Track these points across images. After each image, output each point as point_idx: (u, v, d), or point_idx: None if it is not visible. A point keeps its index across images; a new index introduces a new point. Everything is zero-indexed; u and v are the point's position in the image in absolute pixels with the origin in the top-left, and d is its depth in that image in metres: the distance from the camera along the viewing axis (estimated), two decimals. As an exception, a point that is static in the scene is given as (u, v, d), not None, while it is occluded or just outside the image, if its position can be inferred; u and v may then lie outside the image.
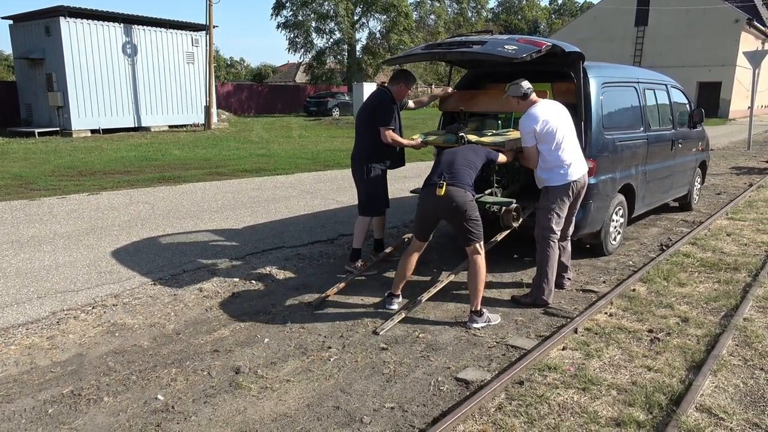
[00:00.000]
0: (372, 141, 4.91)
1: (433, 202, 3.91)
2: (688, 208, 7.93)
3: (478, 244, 3.91)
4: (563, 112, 4.39)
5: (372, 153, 4.95)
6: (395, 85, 4.95)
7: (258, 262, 5.38)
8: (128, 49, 19.09)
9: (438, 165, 4.05)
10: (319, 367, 3.42)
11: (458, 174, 3.89)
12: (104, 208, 7.49)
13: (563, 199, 4.32)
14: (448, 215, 3.94)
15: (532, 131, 4.22)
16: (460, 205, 3.81)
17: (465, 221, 3.85)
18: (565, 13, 76.88)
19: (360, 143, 5.03)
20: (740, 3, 37.17)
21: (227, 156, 13.48)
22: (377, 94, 4.98)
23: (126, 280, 4.81)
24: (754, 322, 3.98)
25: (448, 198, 3.81)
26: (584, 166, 4.44)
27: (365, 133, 4.95)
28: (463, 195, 3.83)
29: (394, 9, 33.29)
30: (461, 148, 4.21)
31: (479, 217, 3.92)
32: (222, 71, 58.04)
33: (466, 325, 3.94)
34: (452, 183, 3.84)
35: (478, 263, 3.91)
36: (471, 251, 3.93)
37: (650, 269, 5.13)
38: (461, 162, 3.96)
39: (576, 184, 4.34)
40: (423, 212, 4.07)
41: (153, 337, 3.83)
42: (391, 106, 4.88)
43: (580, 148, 4.48)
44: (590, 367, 3.38)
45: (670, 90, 6.90)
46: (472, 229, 3.87)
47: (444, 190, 3.80)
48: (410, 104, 5.36)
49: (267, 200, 8.17)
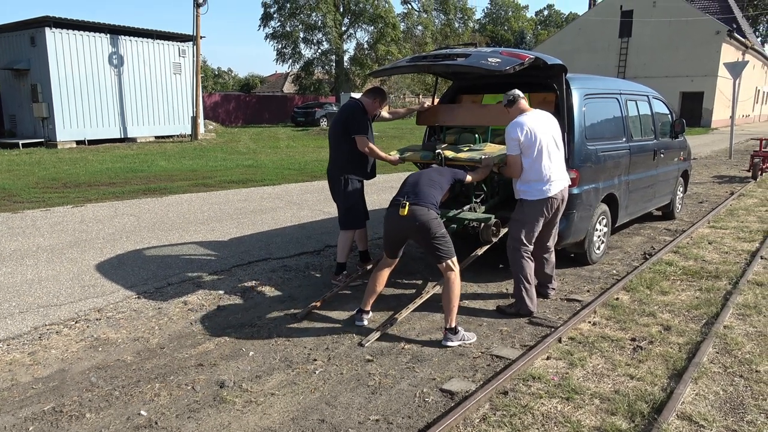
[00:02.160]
0: (348, 153, 4.90)
1: (397, 222, 3.89)
2: (671, 217, 8.04)
3: (450, 260, 3.88)
4: (551, 124, 4.40)
5: (348, 166, 4.93)
6: (369, 98, 4.97)
7: (244, 274, 5.36)
8: (114, 60, 19.03)
9: (403, 186, 4.06)
10: (304, 380, 3.42)
11: (421, 193, 3.88)
12: (89, 220, 7.43)
13: (537, 214, 4.34)
14: (413, 234, 3.92)
15: (516, 140, 4.24)
16: (423, 224, 3.79)
17: (431, 239, 3.83)
18: (551, 24, 77.88)
19: (336, 157, 5.01)
20: (721, 15, 37.93)
21: (214, 167, 13.45)
22: (349, 105, 4.98)
23: (110, 294, 4.78)
24: (734, 330, 4.03)
25: (411, 217, 3.79)
26: (564, 182, 4.45)
27: (340, 145, 4.93)
28: (426, 213, 3.81)
29: (382, 20, 33.49)
30: (426, 170, 4.23)
31: (446, 234, 3.89)
32: (210, 81, 57.89)
33: (441, 343, 3.88)
34: (415, 202, 3.83)
35: (452, 280, 3.87)
36: (443, 268, 3.89)
37: (633, 278, 5.18)
38: (425, 182, 3.97)
39: (553, 201, 4.35)
40: (388, 232, 4.05)
41: (136, 352, 3.80)
42: (364, 116, 4.88)
43: (563, 163, 4.49)
44: (574, 376, 3.40)
45: (651, 101, 7.01)
46: (441, 246, 3.85)
47: (406, 209, 3.79)
48: (385, 114, 5.37)
49: (253, 211, 8.16)
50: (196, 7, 19.86)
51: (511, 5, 77.02)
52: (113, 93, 19.10)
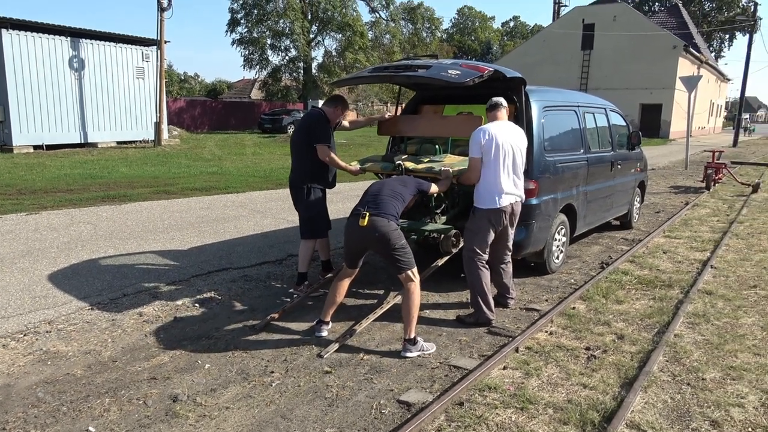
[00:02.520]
0: (310, 162, 4.88)
1: (357, 233, 3.88)
2: (629, 227, 8.25)
3: (410, 271, 3.88)
4: (517, 137, 4.46)
5: (310, 175, 4.92)
6: (331, 107, 4.97)
7: (203, 284, 5.27)
8: (75, 63, 18.55)
9: (365, 195, 4.06)
10: (260, 393, 3.38)
11: (382, 204, 3.88)
12: (43, 228, 7.21)
13: (487, 223, 4.39)
14: (373, 245, 3.91)
15: (478, 143, 4.30)
16: (383, 235, 3.78)
17: (391, 250, 3.82)
18: (517, 35, 79.39)
19: (298, 166, 4.98)
20: (678, 30, 39.31)
21: (177, 174, 13.22)
22: (312, 114, 4.98)
23: (62, 305, 4.63)
24: (684, 338, 4.15)
25: (370, 228, 3.79)
26: (516, 197, 4.50)
27: (303, 154, 4.91)
28: (386, 224, 3.80)
29: (350, 28, 33.58)
30: (389, 180, 4.23)
31: (406, 245, 3.89)
32: (175, 86, 56.91)
33: (400, 354, 3.88)
34: (375, 213, 3.82)
35: (412, 290, 3.87)
36: (403, 279, 3.90)
37: (590, 287, 5.29)
38: (387, 192, 3.97)
39: (502, 212, 4.39)
40: (348, 242, 4.05)
41: (87, 365, 3.69)
42: (326, 124, 4.88)
43: (521, 178, 4.54)
44: (529, 386, 3.45)
45: (609, 113, 7.20)
46: (400, 258, 3.84)
47: (366, 220, 3.78)
48: (345, 123, 5.38)
49: (216, 220, 8.04)
50: (161, 11, 19.56)
51: (478, 16, 78.27)
52: (73, 97, 18.60)
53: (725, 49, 71.29)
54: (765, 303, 4.96)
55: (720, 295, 5.13)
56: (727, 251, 6.85)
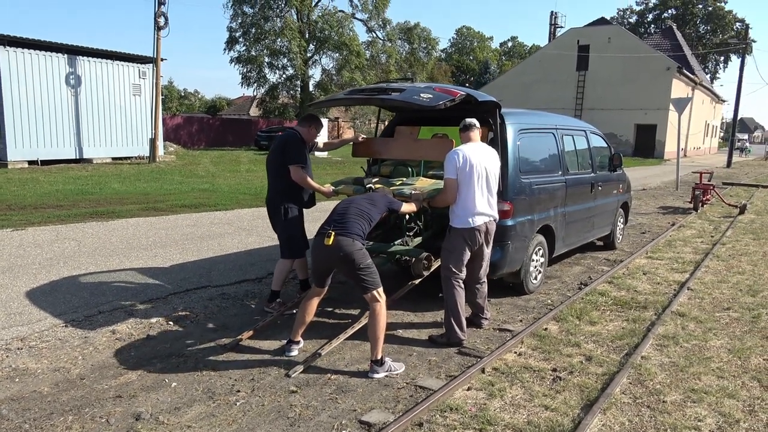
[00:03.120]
0: (285, 182, 4.94)
1: (322, 252, 3.90)
2: (612, 247, 8.30)
3: (376, 291, 3.88)
4: (491, 159, 4.55)
5: (288, 194, 4.98)
6: (305, 127, 5.03)
7: (179, 302, 5.30)
8: (72, 80, 18.72)
9: (332, 214, 4.07)
10: (223, 412, 3.39)
11: (348, 223, 3.89)
12: (27, 244, 7.24)
13: (463, 242, 4.45)
14: (338, 264, 3.93)
15: (453, 164, 4.38)
16: (347, 254, 3.79)
17: (356, 270, 3.83)
18: (515, 55, 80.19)
19: (275, 186, 5.05)
20: (672, 52, 39.78)
21: (168, 190, 13.28)
22: (287, 135, 5.02)
23: (36, 322, 4.66)
24: (650, 360, 4.18)
25: (335, 247, 3.79)
26: (490, 217, 4.56)
27: (278, 175, 4.97)
28: (350, 244, 3.81)
29: (347, 48, 33.95)
30: (359, 197, 4.24)
31: (371, 265, 3.91)
32: (175, 102, 57.31)
33: (368, 375, 3.89)
34: (340, 232, 3.83)
35: (377, 311, 3.87)
36: (369, 299, 3.90)
37: (564, 308, 5.33)
38: (354, 211, 3.98)
39: (477, 232, 4.46)
40: (314, 262, 4.08)
41: (55, 383, 3.71)
42: (302, 145, 4.95)
43: (494, 198, 4.61)
44: (491, 407, 3.47)
45: (589, 135, 7.29)
46: (366, 277, 3.85)
47: (332, 239, 3.79)
48: (320, 145, 5.45)
49: (201, 237, 8.09)
50: (157, 30, 19.80)
51: (477, 36, 79.13)
52: (69, 113, 18.74)
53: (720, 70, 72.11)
54: (736, 325, 5.00)
55: (692, 317, 5.16)
56: (706, 273, 6.89)
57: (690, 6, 65.40)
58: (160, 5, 19.82)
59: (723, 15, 64.23)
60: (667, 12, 67.87)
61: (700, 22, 66.38)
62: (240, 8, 33.68)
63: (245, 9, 33.73)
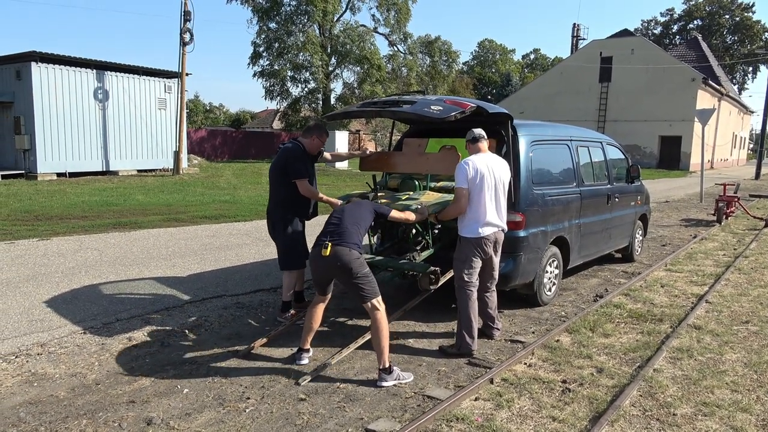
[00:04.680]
0: (287, 195, 4.97)
1: (320, 262, 3.96)
2: (630, 259, 8.20)
3: (375, 300, 3.91)
4: (501, 169, 4.58)
5: (288, 207, 5.00)
6: (308, 137, 5.06)
7: (195, 310, 5.40)
8: (100, 95, 19.27)
9: (327, 225, 4.12)
10: (233, 418, 3.45)
11: (344, 233, 3.94)
12: (51, 254, 7.46)
13: (474, 251, 4.48)
14: (336, 274, 3.98)
15: (464, 174, 4.41)
16: (345, 264, 3.84)
17: (354, 279, 3.87)
18: (537, 67, 79.86)
19: (275, 199, 5.07)
20: (697, 63, 39.25)
21: (191, 201, 13.53)
22: (287, 149, 5.03)
23: (56, 329, 4.80)
24: (663, 373, 4.13)
25: (333, 257, 3.85)
26: (500, 226, 4.58)
27: (280, 187, 5.01)
28: (348, 254, 3.85)
29: (368, 61, 34.23)
30: (348, 206, 4.27)
31: (369, 274, 3.94)
32: (200, 116, 58.35)
33: (376, 384, 3.91)
34: (337, 243, 3.88)
35: (378, 320, 3.90)
36: (368, 309, 3.94)
37: (577, 320, 5.28)
38: (348, 221, 4.03)
39: (486, 241, 4.48)
40: (313, 272, 4.14)
41: (71, 387, 3.82)
42: (303, 157, 4.97)
43: (504, 209, 4.62)
44: (498, 417, 3.47)
45: (605, 147, 7.25)
46: (364, 287, 3.88)
47: (329, 250, 3.85)
48: (327, 156, 5.48)
49: (219, 247, 8.22)
50: (183, 45, 20.28)
51: (499, 49, 79.09)
52: (97, 126, 19.26)
53: (749, 81, 70.88)
54: (753, 339, 4.90)
55: (709, 330, 5.08)
56: (726, 285, 6.76)
57: (717, 17, 64.58)
58: (186, 22, 20.33)
59: (751, 25, 63.26)
60: (692, 23, 67.10)
61: (726, 33, 65.46)
62: (264, 23, 34.30)
63: (269, 24, 34.33)
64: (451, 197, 4.81)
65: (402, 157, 5.74)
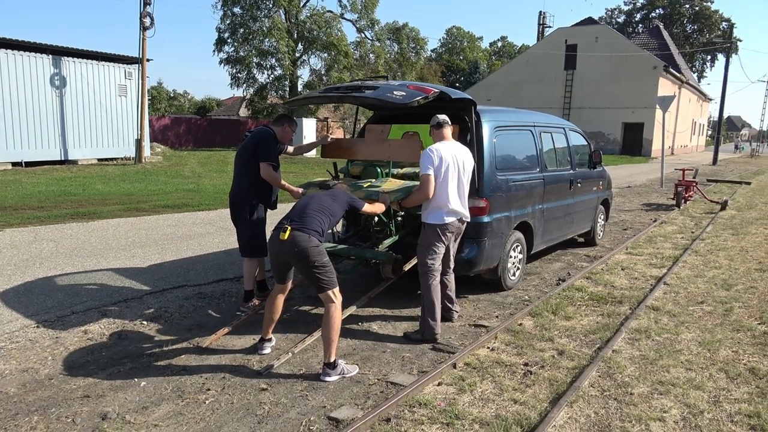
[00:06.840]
0: (254, 181, 4.86)
1: (277, 247, 3.79)
2: (593, 244, 8.35)
3: (331, 291, 3.78)
4: (465, 157, 4.57)
5: (254, 192, 4.89)
6: (279, 126, 4.96)
7: (155, 301, 5.28)
8: (56, 81, 18.57)
9: (292, 209, 3.99)
10: (192, 410, 3.38)
11: (306, 219, 3.80)
12: (4, 245, 7.18)
13: (438, 238, 4.48)
14: (293, 260, 3.83)
15: (429, 161, 4.38)
16: (302, 251, 3.68)
17: (311, 267, 3.71)
18: (504, 55, 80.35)
19: (241, 184, 4.94)
20: (659, 51, 40.05)
21: (153, 191, 13.20)
22: (261, 131, 4.93)
23: (7, 323, 4.61)
24: (621, 354, 4.21)
25: (290, 242, 3.69)
26: (463, 212, 4.58)
27: (247, 172, 4.89)
28: (306, 240, 3.69)
29: (335, 48, 33.88)
30: (321, 193, 4.16)
31: (328, 263, 3.80)
32: (164, 103, 56.92)
33: (320, 378, 3.79)
34: (297, 228, 3.73)
35: (331, 311, 3.76)
36: (324, 299, 3.80)
37: (540, 303, 5.35)
38: (314, 207, 3.90)
39: (450, 227, 4.49)
40: (271, 257, 3.98)
41: (22, 383, 3.68)
42: (275, 144, 4.88)
43: (466, 195, 4.62)
44: (460, 401, 3.48)
45: (568, 133, 7.33)
46: (321, 276, 3.74)
47: (287, 234, 3.69)
48: (289, 149, 5.36)
49: (181, 237, 8.05)
50: (143, 30, 19.69)
51: (467, 36, 79.26)
52: (54, 114, 18.59)
53: (707, 69, 72.79)
54: (708, 318, 5.05)
55: (666, 311, 5.21)
56: (683, 267, 6.95)
57: (677, 6, 65.91)
58: (146, 5, 19.70)
59: (709, 15, 64.78)
60: (654, 12, 68.36)
61: (687, 22, 66.91)
62: (229, 9, 33.54)
63: (234, 9, 33.59)
64: (413, 184, 4.78)
65: (364, 143, 5.66)
